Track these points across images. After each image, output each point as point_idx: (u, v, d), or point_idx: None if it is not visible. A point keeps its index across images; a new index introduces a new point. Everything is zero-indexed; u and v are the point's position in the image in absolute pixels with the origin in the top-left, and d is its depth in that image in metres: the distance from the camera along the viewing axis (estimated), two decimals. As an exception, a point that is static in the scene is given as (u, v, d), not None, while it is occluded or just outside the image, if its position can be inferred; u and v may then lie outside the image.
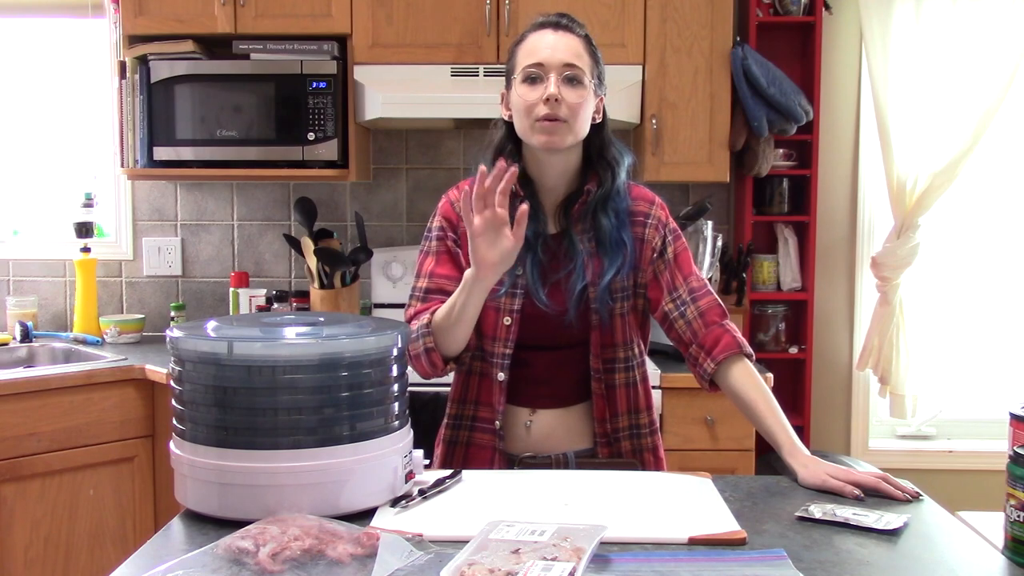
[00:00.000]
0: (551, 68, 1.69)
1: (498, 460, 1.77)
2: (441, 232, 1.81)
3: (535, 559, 1.16)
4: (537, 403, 1.79)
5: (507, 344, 1.75)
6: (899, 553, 1.30)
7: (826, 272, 3.40)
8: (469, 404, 1.81)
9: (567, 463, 1.78)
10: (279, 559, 1.19)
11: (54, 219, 3.49)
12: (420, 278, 1.80)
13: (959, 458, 3.40)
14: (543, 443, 1.78)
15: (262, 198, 3.45)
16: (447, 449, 1.84)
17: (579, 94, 1.70)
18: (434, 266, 1.80)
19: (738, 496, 1.52)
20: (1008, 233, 3.41)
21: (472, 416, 1.81)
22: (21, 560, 2.66)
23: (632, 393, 1.82)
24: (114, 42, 3.32)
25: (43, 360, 3.14)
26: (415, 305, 1.78)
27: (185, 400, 1.43)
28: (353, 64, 3.02)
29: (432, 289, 1.77)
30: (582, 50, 1.72)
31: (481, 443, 1.79)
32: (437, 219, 1.83)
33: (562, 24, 1.74)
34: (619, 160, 1.78)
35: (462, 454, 1.81)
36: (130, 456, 2.84)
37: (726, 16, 3.02)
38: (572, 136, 1.71)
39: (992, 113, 3.14)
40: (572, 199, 1.78)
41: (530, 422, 1.79)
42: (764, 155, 3.09)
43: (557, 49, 1.70)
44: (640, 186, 1.86)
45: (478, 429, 1.80)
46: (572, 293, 1.73)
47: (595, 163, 1.78)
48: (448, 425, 1.85)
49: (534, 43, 1.73)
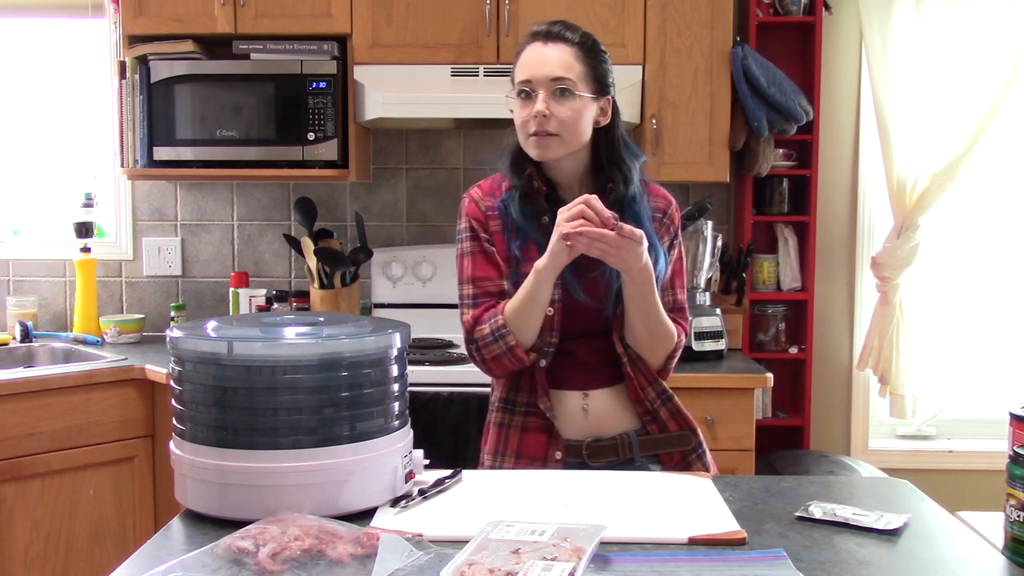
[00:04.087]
0: (539, 84, 1.73)
1: (554, 444, 1.79)
2: (472, 232, 1.83)
3: (535, 559, 1.16)
4: (589, 385, 1.82)
5: (552, 334, 1.78)
6: (899, 553, 1.30)
7: (826, 272, 3.40)
8: (522, 391, 1.82)
9: (630, 444, 1.80)
10: (279, 559, 1.19)
11: (54, 219, 3.49)
12: (465, 284, 1.83)
13: (959, 458, 3.40)
14: (601, 424, 1.81)
15: (262, 198, 3.45)
16: (500, 432, 1.84)
17: (569, 107, 1.72)
18: (474, 270, 1.82)
19: (738, 496, 1.52)
20: (1008, 233, 3.41)
21: (526, 403, 1.82)
22: (21, 560, 2.66)
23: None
24: (114, 42, 3.32)
25: (43, 360, 3.14)
26: (469, 312, 1.81)
27: (185, 400, 1.43)
28: (353, 64, 3.02)
29: (479, 294, 1.81)
30: (573, 59, 1.74)
31: (536, 427, 1.81)
32: (464, 220, 1.85)
33: (553, 34, 1.75)
34: (630, 164, 1.80)
35: (516, 438, 1.82)
36: (130, 456, 2.83)
37: (726, 16, 3.02)
38: (565, 147, 1.75)
39: (992, 113, 3.14)
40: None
41: (587, 405, 1.81)
42: (764, 155, 3.09)
43: (545, 63, 1.73)
44: (657, 185, 1.90)
45: (532, 414, 1.81)
46: (609, 291, 1.77)
47: (606, 167, 1.80)
48: (498, 409, 1.86)
49: (526, 57, 1.77)
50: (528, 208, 1.79)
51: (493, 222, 1.82)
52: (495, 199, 1.83)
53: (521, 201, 1.79)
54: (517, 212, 1.79)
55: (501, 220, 1.82)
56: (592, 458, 1.79)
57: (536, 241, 1.78)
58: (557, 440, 1.79)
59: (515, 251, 1.79)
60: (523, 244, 1.79)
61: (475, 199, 1.85)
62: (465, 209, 1.85)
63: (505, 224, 1.82)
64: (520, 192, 1.80)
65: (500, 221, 1.82)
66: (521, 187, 1.80)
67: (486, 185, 1.87)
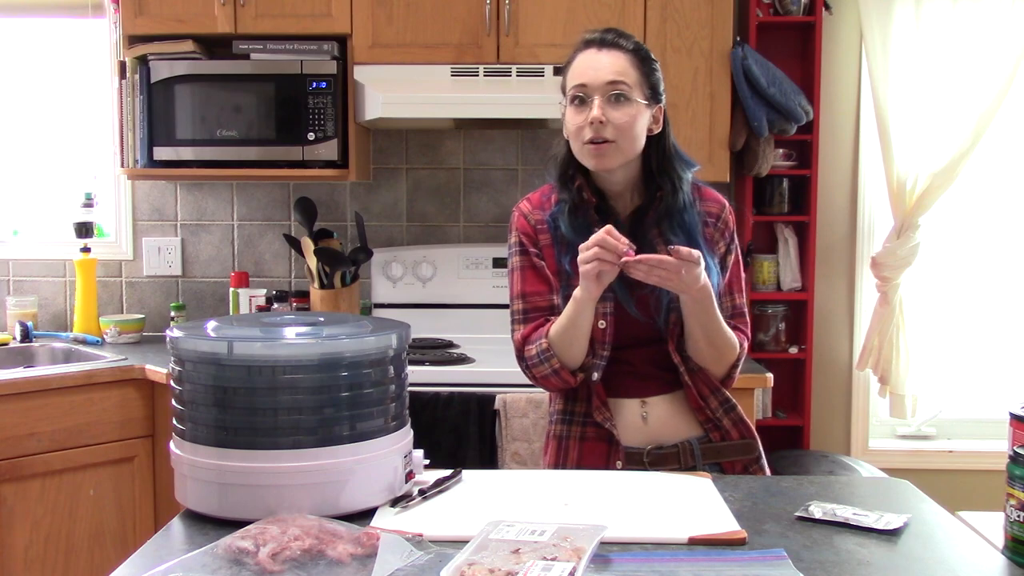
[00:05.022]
0: (595, 89, 1.71)
1: (615, 454, 1.78)
2: (522, 247, 1.83)
3: (535, 559, 1.16)
4: (646, 393, 1.81)
5: (604, 347, 1.77)
6: (899, 553, 1.30)
7: (826, 272, 3.40)
8: (580, 402, 1.82)
9: (692, 452, 1.79)
10: (279, 559, 1.19)
11: (54, 219, 3.49)
12: (515, 300, 1.83)
13: (959, 458, 3.40)
14: (661, 431, 1.80)
15: (262, 198, 3.45)
16: (559, 444, 1.84)
17: (626, 112, 1.71)
18: (523, 285, 1.82)
19: (738, 496, 1.52)
20: (1008, 233, 3.41)
21: (584, 413, 1.81)
22: (21, 560, 2.66)
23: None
24: (114, 42, 3.32)
25: (43, 360, 3.14)
26: (519, 329, 1.81)
27: (185, 400, 1.43)
28: (353, 64, 3.02)
29: (529, 310, 1.81)
30: (627, 65, 1.73)
31: (595, 437, 1.79)
32: (514, 234, 1.85)
33: (607, 41, 1.75)
34: (681, 174, 1.79)
35: (577, 449, 1.81)
36: (130, 456, 2.83)
37: (726, 16, 3.02)
38: (621, 155, 1.73)
39: (992, 113, 3.14)
40: (644, 207, 1.80)
41: (646, 413, 1.80)
42: (764, 155, 3.09)
43: (600, 68, 1.72)
44: (710, 188, 1.88)
45: (590, 424, 1.80)
46: (661, 306, 1.76)
47: (656, 176, 1.79)
48: (557, 421, 1.85)
49: (579, 64, 1.75)
50: (578, 221, 1.77)
51: (543, 236, 1.81)
52: (544, 212, 1.82)
53: (571, 214, 1.78)
54: (567, 226, 1.77)
55: (551, 234, 1.81)
56: (653, 466, 1.77)
57: None
58: (617, 449, 1.78)
59: (565, 265, 1.78)
60: (574, 258, 1.74)
61: (524, 213, 1.84)
62: (515, 223, 1.85)
63: (555, 238, 1.80)
64: (570, 205, 1.78)
65: (550, 235, 1.81)
66: (571, 200, 1.78)
67: (535, 198, 1.86)
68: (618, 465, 1.77)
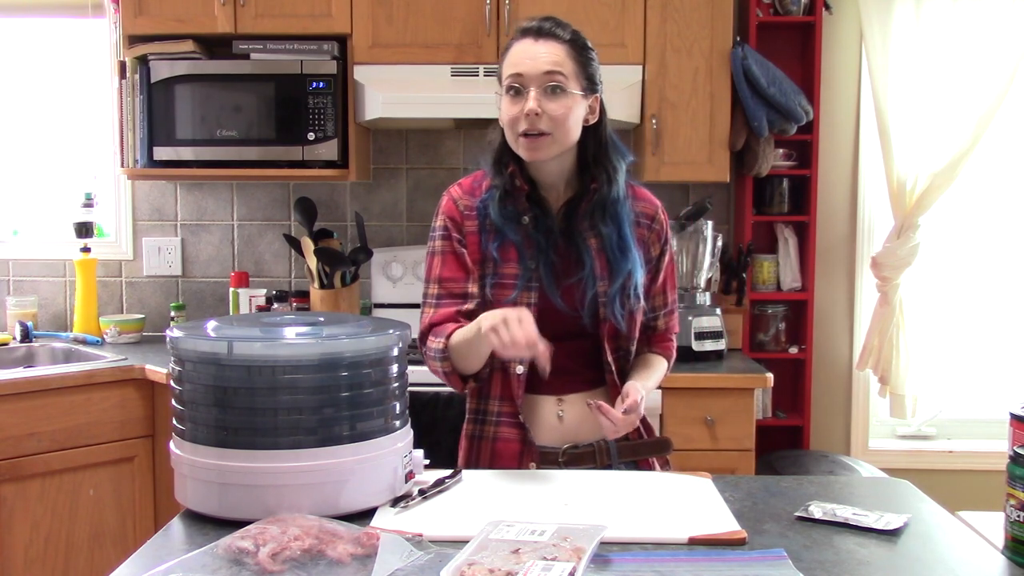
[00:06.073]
0: (530, 80, 1.69)
1: (529, 454, 1.75)
2: (445, 232, 1.80)
3: (535, 559, 1.16)
4: (564, 390, 1.79)
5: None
6: (899, 553, 1.30)
7: (826, 272, 3.40)
8: (493, 400, 1.79)
9: (608, 451, 1.78)
10: (279, 559, 1.19)
11: (54, 219, 3.49)
12: (430, 284, 1.80)
13: (959, 458, 3.40)
14: (578, 431, 1.78)
15: (262, 198, 3.45)
16: (471, 444, 1.82)
17: (562, 104, 1.69)
18: (442, 270, 1.79)
19: (738, 496, 1.52)
20: (1008, 233, 3.41)
21: (497, 412, 1.79)
22: (21, 560, 2.66)
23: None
24: (114, 42, 3.32)
25: (43, 360, 3.14)
26: (429, 313, 1.78)
27: (185, 400, 1.43)
28: (353, 64, 3.02)
29: (443, 295, 1.78)
30: (564, 56, 1.70)
31: (508, 437, 1.77)
32: (440, 218, 1.82)
33: (544, 30, 1.72)
34: (616, 165, 1.77)
35: (489, 449, 1.79)
36: (130, 456, 2.83)
37: (726, 16, 3.02)
38: (557, 146, 1.72)
39: (992, 113, 3.14)
40: (577, 198, 1.79)
41: (562, 412, 1.78)
42: (764, 155, 3.09)
43: (536, 59, 1.69)
44: (642, 187, 1.87)
45: (503, 424, 1.78)
46: (585, 298, 1.75)
47: (591, 166, 1.78)
48: (470, 420, 1.83)
49: (516, 53, 1.72)
50: (508, 208, 1.76)
51: (469, 222, 1.79)
52: (475, 198, 1.80)
53: (501, 201, 1.76)
54: (496, 213, 1.75)
55: (478, 220, 1.78)
56: (568, 466, 1.75)
57: (515, 242, 1.75)
58: (531, 449, 1.75)
59: (493, 252, 1.76)
60: (501, 245, 1.75)
61: (455, 198, 1.82)
62: (443, 207, 1.82)
63: (482, 224, 1.78)
64: (501, 191, 1.76)
65: (477, 221, 1.78)
66: (502, 186, 1.76)
67: (467, 183, 1.84)
68: (531, 466, 1.75)
